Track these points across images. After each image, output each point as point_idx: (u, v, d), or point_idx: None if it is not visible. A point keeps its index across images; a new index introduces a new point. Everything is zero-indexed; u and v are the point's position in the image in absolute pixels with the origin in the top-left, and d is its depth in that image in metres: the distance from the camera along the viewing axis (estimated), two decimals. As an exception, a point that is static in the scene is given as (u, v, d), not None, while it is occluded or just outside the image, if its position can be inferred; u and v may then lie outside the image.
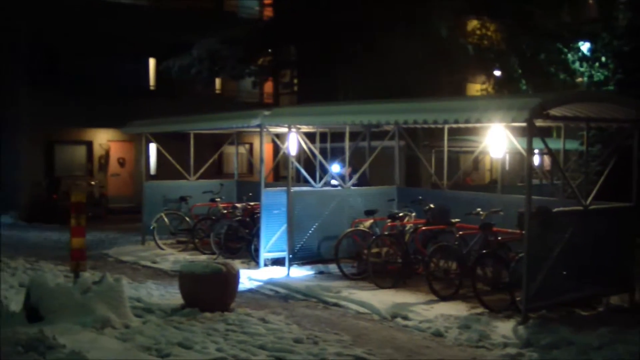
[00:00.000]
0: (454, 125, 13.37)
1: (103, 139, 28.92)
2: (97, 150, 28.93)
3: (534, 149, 9.85)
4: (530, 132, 9.84)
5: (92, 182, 27.21)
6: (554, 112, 10.43)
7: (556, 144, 16.55)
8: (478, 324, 9.72)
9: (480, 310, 10.56)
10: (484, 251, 11.24)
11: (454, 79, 21.76)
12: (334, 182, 15.16)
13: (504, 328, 9.57)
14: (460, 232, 11.95)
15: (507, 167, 19.12)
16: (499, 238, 11.35)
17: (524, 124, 10.40)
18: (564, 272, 10.14)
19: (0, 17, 27.10)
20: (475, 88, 24.47)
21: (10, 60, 26.57)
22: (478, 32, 21.15)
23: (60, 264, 15.22)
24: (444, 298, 11.33)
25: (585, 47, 19.27)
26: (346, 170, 15.30)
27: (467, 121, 10.74)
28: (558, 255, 9.97)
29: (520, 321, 9.67)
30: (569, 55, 19.26)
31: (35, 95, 26.14)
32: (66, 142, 28.43)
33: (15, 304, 10.36)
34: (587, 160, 13.17)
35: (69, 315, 9.25)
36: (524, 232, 9.94)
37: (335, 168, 15.65)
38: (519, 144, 13.30)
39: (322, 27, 20.62)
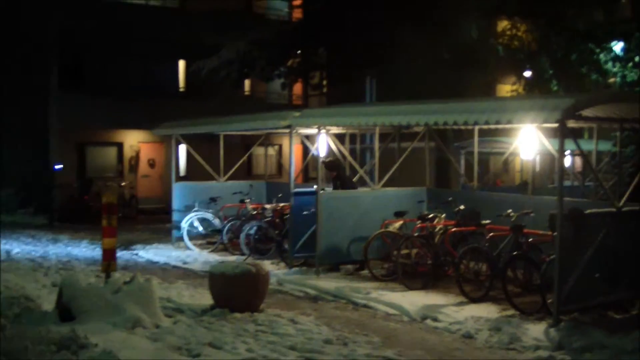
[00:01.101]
0: (484, 127, 13.29)
1: (133, 140, 29.12)
2: (128, 152, 29.14)
3: (565, 150, 9.74)
4: (562, 133, 9.76)
5: (123, 184, 27.42)
6: (586, 112, 10.34)
7: (588, 145, 16.41)
8: (509, 326, 9.65)
9: (511, 312, 10.48)
10: (515, 253, 11.17)
11: (483, 80, 21.63)
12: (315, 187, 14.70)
13: (535, 330, 9.49)
14: (491, 234, 11.89)
15: (537, 169, 18.98)
16: (530, 240, 11.28)
17: (555, 125, 10.31)
18: (597, 275, 10.02)
19: (31, 20, 27.41)
20: (505, 89, 24.30)
21: (42, 63, 26.80)
22: (508, 32, 21.00)
23: (91, 264, 15.35)
24: (474, 300, 11.27)
25: (618, 47, 19.03)
26: (330, 174, 14.74)
27: (497, 122, 10.68)
28: (590, 258, 9.87)
29: (552, 324, 9.59)
30: (602, 56, 19.03)
31: (67, 98, 26.35)
32: (97, 143, 28.69)
33: (48, 303, 10.45)
34: (620, 162, 13.03)
35: (100, 315, 9.31)
36: (555, 234, 9.85)
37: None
38: (550, 145, 13.19)
39: (352, 28, 20.59)
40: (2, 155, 30.22)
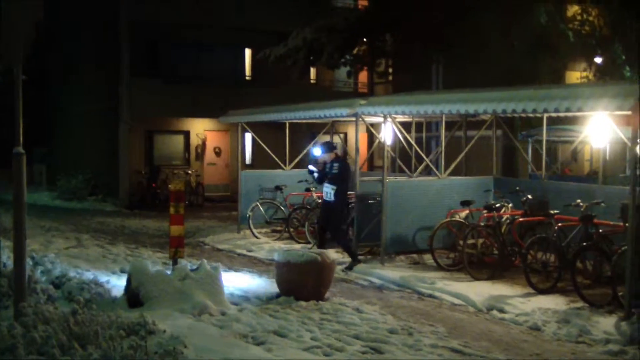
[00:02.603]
0: (553, 114, 13.04)
1: (200, 128, 29.40)
2: (194, 140, 29.43)
3: (638, 138, 9.50)
4: (636, 121, 9.51)
5: (189, 171, 27.75)
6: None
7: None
8: (578, 318, 9.48)
9: (580, 304, 10.28)
10: (585, 244, 10.96)
11: (552, 66, 21.20)
12: (311, 167, 14.10)
13: (606, 323, 9.29)
14: (559, 224, 11.69)
15: (608, 158, 18.58)
16: (601, 230, 11.05)
17: (628, 112, 10.05)
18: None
19: (103, 9, 27.86)
20: (575, 76, 23.80)
21: (112, 51, 27.23)
22: (579, 17, 20.53)
23: (159, 251, 15.57)
24: (541, 291, 11.10)
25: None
26: (328, 157, 13.50)
27: (567, 110, 10.48)
28: (664, 249, 9.62)
29: (623, 317, 9.36)
30: (680, 40, 18.46)
31: (136, 86, 26.73)
32: (165, 131, 29.04)
33: (117, 289, 10.65)
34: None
35: (168, 302, 9.45)
36: (627, 224, 9.63)
37: (316, 151, 14.32)
38: (622, 133, 12.89)
39: (419, 15, 20.40)
40: (74, 143, 30.90)
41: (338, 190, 13.12)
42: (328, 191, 13.24)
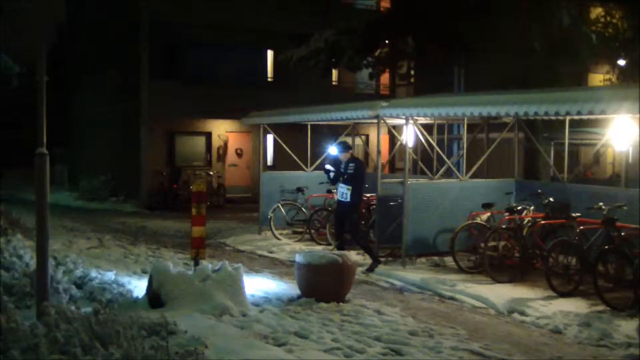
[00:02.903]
0: (575, 117, 12.98)
1: (221, 130, 29.51)
2: (216, 141, 29.54)
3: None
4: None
5: (211, 173, 27.86)
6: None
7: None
8: (599, 321, 9.43)
9: (601, 307, 10.23)
10: (606, 247, 10.90)
11: (574, 69, 21.09)
12: (328, 167, 13.89)
13: (627, 327, 9.24)
14: (581, 227, 11.62)
15: (630, 160, 18.46)
16: (623, 234, 10.98)
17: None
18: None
19: (123, 11, 28.02)
20: (598, 78, 23.68)
21: (133, 52, 27.40)
22: (602, 19, 20.41)
23: (180, 251, 15.64)
24: (562, 294, 11.04)
25: None
26: (344, 157, 13.30)
27: (590, 112, 10.44)
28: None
29: (645, 321, 9.32)
30: None
31: (157, 87, 26.88)
32: (186, 133, 29.17)
33: (139, 289, 10.71)
34: None
35: (189, 302, 9.48)
36: (649, 228, 9.58)
37: (332, 150, 14.33)
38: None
39: (440, 16, 20.36)
40: (95, 143, 31.10)
41: (353, 191, 13.10)
42: (343, 191, 13.19)
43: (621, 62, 20.89)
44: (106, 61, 30.19)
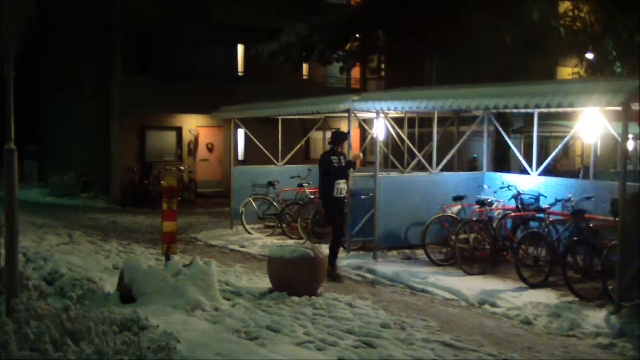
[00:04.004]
0: (545, 110, 13.09)
1: (192, 124, 29.37)
2: (187, 136, 29.39)
3: (629, 134, 9.55)
4: (626, 117, 9.57)
5: (182, 167, 27.75)
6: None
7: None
8: (569, 312, 9.54)
9: (570, 298, 10.34)
10: (576, 238, 11.02)
11: (543, 62, 21.23)
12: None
13: (596, 317, 9.36)
14: (551, 219, 11.74)
15: (599, 153, 18.65)
16: (591, 225, 11.11)
17: (618, 108, 10.10)
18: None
19: (94, 6, 27.77)
20: (566, 72, 23.86)
21: (103, 48, 27.16)
22: (570, 13, 20.57)
23: (151, 247, 15.57)
24: (533, 285, 11.15)
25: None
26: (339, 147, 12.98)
27: (559, 105, 10.54)
28: (654, 243, 9.67)
29: (613, 310, 9.43)
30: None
31: (127, 82, 26.64)
32: (156, 128, 28.95)
33: (110, 285, 10.65)
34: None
35: (160, 297, 9.45)
36: (617, 219, 9.69)
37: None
38: (612, 129, 12.94)
39: (411, 11, 20.40)
40: (65, 140, 30.83)
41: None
42: (341, 187, 12.61)
43: (589, 56, 21.07)
44: (77, 56, 29.86)
